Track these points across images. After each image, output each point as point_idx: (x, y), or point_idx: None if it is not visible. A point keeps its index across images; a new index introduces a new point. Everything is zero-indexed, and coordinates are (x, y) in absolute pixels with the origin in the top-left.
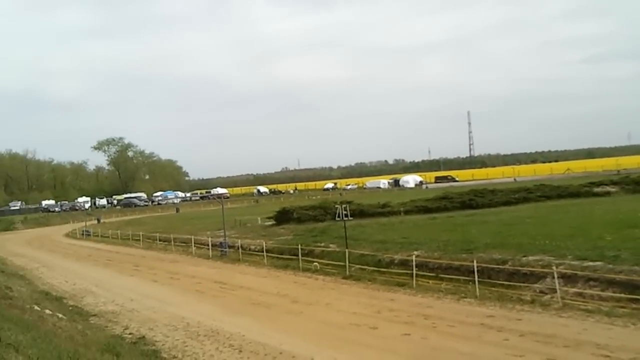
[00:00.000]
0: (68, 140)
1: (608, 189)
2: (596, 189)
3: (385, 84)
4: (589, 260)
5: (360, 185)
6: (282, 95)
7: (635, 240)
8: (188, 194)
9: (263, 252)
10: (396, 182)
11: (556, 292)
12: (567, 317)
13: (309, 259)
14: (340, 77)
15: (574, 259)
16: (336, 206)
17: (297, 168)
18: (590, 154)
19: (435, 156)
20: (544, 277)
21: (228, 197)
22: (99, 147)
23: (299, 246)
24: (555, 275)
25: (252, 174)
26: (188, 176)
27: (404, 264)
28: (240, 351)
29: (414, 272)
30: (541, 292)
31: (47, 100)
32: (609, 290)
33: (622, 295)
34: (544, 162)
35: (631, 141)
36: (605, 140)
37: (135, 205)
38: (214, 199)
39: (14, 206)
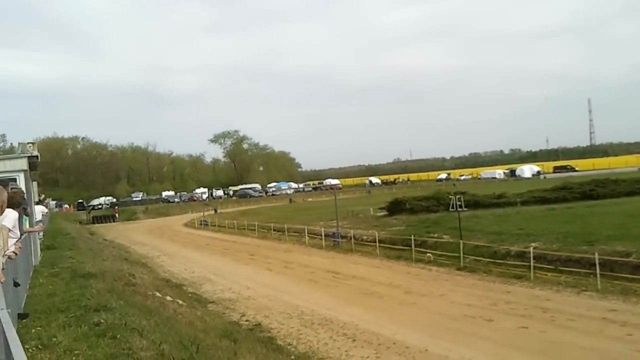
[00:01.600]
0: (186, 134)
1: None
2: None
3: (500, 72)
4: None
5: (475, 175)
6: (394, 85)
7: None
8: (301, 185)
9: (376, 242)
10: (512, 173)
11: None
12: None
13: (422, 249)
14: (453, 65)
15: None
16: (450, 197)
17: (409, 159)
18: None
19: (553, 145)
20: None
21: (340, 188)
22: (215, 139)
23: (412, 237)
24: None
25: (364, 165)
26: (301, 167)
27: (521, 256)
28: (354, 340)
29: (532, 264)
30: None
31: (166, 96)
32: None
33: None
34: None
35: None
36: None
37: (250, 196)
38: (327, 189)
39: (136, 197)
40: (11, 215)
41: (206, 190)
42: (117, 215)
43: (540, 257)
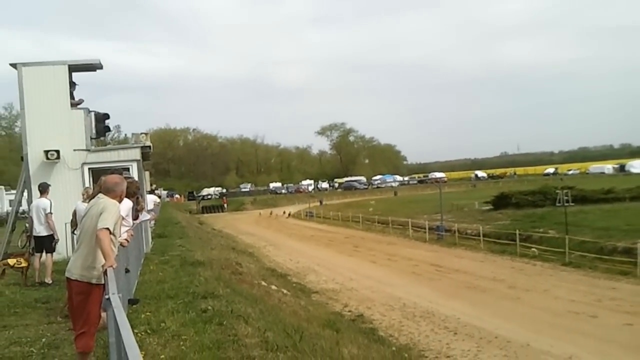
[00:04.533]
0: (293, 126)
1: None
2: None
3: (612, 64)
4: None
5: (583, 170)
6: (502, 77)
7: None
8: (406, 178)
9: (480, 236)
10: (622, 167)
11: None
12: None
13: (527, 244)
14: (563, 57)
15: None
16: (557, 191)
17: (516, 152)
18: None
19: None
20: None
21: (445, 181)
22: (322, 132)
23: (517, 231)
24: None
25: (470, 159)
26: (406, 160)
27: (628, 252)
28: (455, 333)
29: (639, 260)
30: None
31: (274, 88)
32: None
33: None
34: None
35: None
36: None
37: (355, 188)
38: (432, 182)
39: (244, 188)
40: (125, 204)
41: (312, 182)
42: (225, 205)
43: None
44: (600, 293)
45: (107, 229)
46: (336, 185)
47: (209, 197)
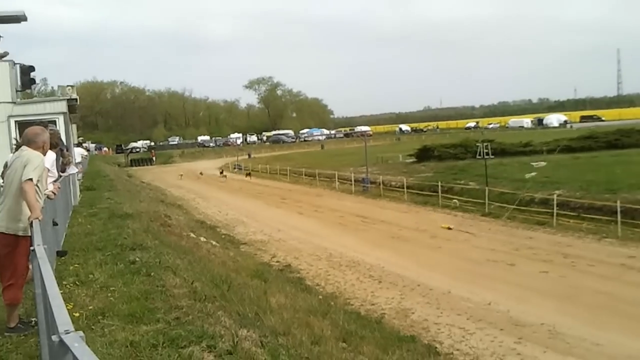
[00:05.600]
0: (221, 79)
1: None
2: None
3: (531, 22)
4: None
5: (502, 124)
6: (427, 33)
7: None
8: (332, 132)
9: (403, 188)
10: (540, 122)
11: None
12: None
13: (449, 196)
14: (484, 14)
15: None
16: (477, 145)
17: (439, 107)
18: None
19: (581, 95)
20: None
21: (371, 135)
22: (250, 85)
23: (439, 183)
24: None
25: (394, 113)
26: (333, 114)
27: (545, 203)
28: (380, 282)
29: (555, 211)
30: None
31: (203, 41)
32: None
33: None
34: None
35: None
36: None
37: (283, 142)
38: (357, 136)
39: (173, 141)
40: (50, 156)
41: (240, 135)
42: (154, 158)
43: (563, 205)
44: (518, 242)
45: (31, 179)
46: (264, 138)
47: (138, 150)
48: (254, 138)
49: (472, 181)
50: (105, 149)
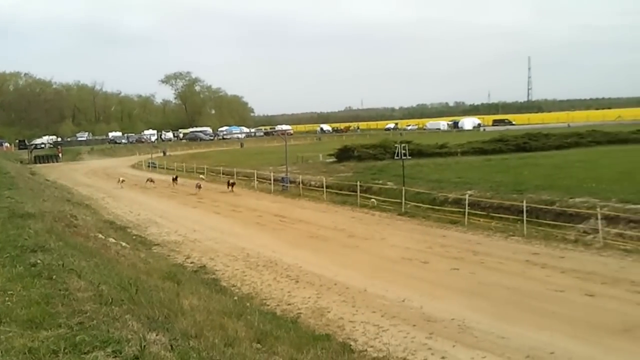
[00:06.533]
0: (136, 73)
1: None
2: None
3: (451, 27)
4: (631, 203)
5: (421, 126)
6: (349, 36)
7: None
8: (252, 130)
9: (323, 187)
10: (455, 124)
11: (598, 232)
12: (607, 256)
13: (367, 195)
14: (407, 17)
15: (618, 201)
16: (396, 145)
17: (360, 108)
18: None
19: (494, 100)
20: (589, 218)
21: (291, 134)
22: (166, 80)
23: (358, 183)
24: (599, 217)
25: (316, 112)
26: (253, 112)
27: (458, 202)
28: (297, 281)
29: (467, 210)
30: (585, 232)
31: (116, 33)
32: None
33: None
34: (597, 109)
35: None
36: None
37: (201, 139)
38: (278, 135)
39: (81, 137)
40: None
41: (155, 132)
42: (60, 155)
43: (474, 204)
44: (432, 240)
45: None
46: (181, 135)
47: (42, 146)
48: (169, 135)
49: (390, 181)
50: (7, 144)
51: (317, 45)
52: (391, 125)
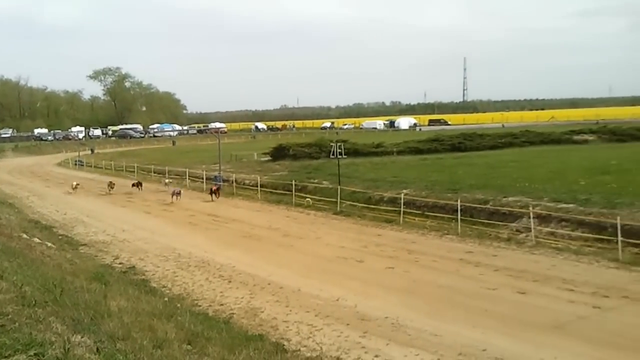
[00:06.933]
0: (63, 69)
1: (587, 137)
2: (576, 137)
3: (388, 27)
4: (563, 202)
5: (357, 125)
6: (286, 33)
7: (605, 185)
8: (185, 128)
9: (257, 186)
10: (391, 124)
11: (531, 231)
12: (539, 254)
13: (302, 194)
14: (345, 17)
15: (550, 200)
16: (331, 144)
17: (295, 106)
18: (573, 104)
19: (430, 100)
20: (521, 216)
21: (225, 132)
22: (95, 76)
23: (293, 182)
24: (531, 216)
25: (251, 110)
26: (186, 109)
27: (393, 201)
28: (230, 281)
29: (402, 209)
30: (517, 230)
31: (42, 26)
32: (578, 231)
33: (590, 235)
34: (531, 110)
35: (612, 94)
36: (589, 92)
37: (131, 137)
38: (211, 133)
39: (5, 134)
40: None
41: (83, 129)
42: None
43: (410, 203)
44: (367, 240)
45: None
46: (110, 133)
47: None
48: (98, 132)
49: (326, 180)
50: None
51: (253, 42)
52: (327, 124)
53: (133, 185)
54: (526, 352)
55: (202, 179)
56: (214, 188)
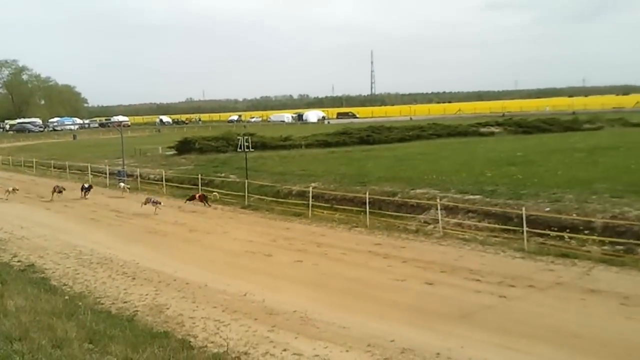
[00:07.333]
0: None
1: (493, 129)
2: (482, 129)
3: (296, 20)
4: (470, 194)
5: (265, 118)
6: (191, 24)
7: (511, 176)
8: (87, 121)
9: (162, 181)
10: (299, 117)
11: (438, 222)
12: (446, 245)
13: (209, 189)
14: (252, 9)
15: (457, 192)
16: (238, 138)
17: (202, 99)
18: (480, 96)
19: (338, 93)
20: (429, 208)
21: (129, 126)
22: None
23: (199, 176)
24: (439, 207)
25: (155, 103)
26: (87, 103)
27: (302, 195)
28: (134, 278)
29: (310, 202)
30: (425, 222)
31: None
32: (485, 221)
33: (497, 225)
34: (438, 103)
35: (517, 86)
36: (495, 85)
37: (29, 131)
38: (114, 126)
39: None
40: None
41: None
42: None
43: (318, 196)
44: (276, 233)
45: None
46: (7, 127)
47: None
48: None
49: (233, 174)
50: None
51: (156, 34)
52: (234, 117)
53: (54, 192)
54: (433, 341)
55: (105, 174)
56: (198, 195)
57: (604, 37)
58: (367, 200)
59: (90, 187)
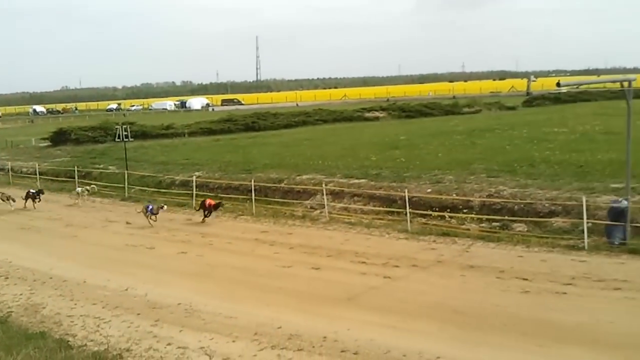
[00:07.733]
0: None
1: (378, 114)
2: (367, 114)
3: (176, 3)
4: (355, 178)
5: (146, 106)
6: (64, 5)
7: (395, 160)
8: None
9: (36, 174)
10: (182, 104)
11: (325, 207)
12: (333, 230)
13: (87, 181)
14: None
15: (343, 177)
16: (117, 127)
17: (78, 87)
18: (365, 82)
19: (223, 79)
20: (315, 194)
21: None
22: None
23: (76, 168)
24: (325, 192)
25: (27, 92)
26: None
27: (185, 184)
28: (7, 278)
29: (194, 192)
30: (312, 207)
31: None
32: (370, 205)
33: (381, 208)
34: (324, 89)
35: (401, 72)
36: (379, 70)
37: None
38: None
39: None
40: None
41: None
42: None
43: (203, 185)
44: (158, 225)
45: None
46: None
47: None
48: None
49: (112, 165)
50: None
51: (23, 16)
52: (113, 105)
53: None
54: (320, 325)
55: None
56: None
57: (482, 25)
58: (253, 188)
59: None
